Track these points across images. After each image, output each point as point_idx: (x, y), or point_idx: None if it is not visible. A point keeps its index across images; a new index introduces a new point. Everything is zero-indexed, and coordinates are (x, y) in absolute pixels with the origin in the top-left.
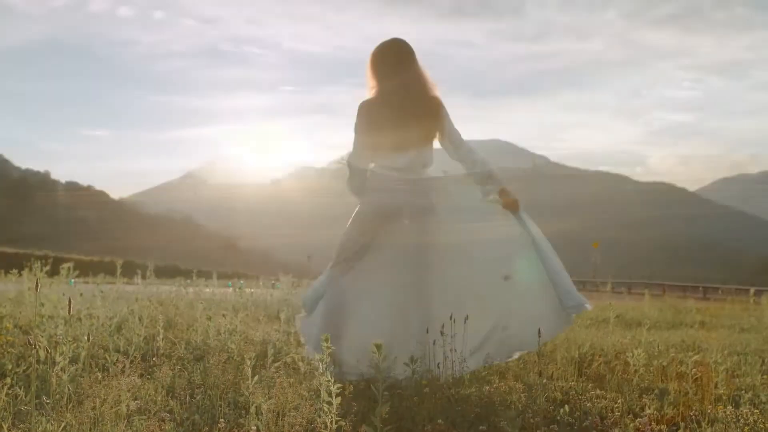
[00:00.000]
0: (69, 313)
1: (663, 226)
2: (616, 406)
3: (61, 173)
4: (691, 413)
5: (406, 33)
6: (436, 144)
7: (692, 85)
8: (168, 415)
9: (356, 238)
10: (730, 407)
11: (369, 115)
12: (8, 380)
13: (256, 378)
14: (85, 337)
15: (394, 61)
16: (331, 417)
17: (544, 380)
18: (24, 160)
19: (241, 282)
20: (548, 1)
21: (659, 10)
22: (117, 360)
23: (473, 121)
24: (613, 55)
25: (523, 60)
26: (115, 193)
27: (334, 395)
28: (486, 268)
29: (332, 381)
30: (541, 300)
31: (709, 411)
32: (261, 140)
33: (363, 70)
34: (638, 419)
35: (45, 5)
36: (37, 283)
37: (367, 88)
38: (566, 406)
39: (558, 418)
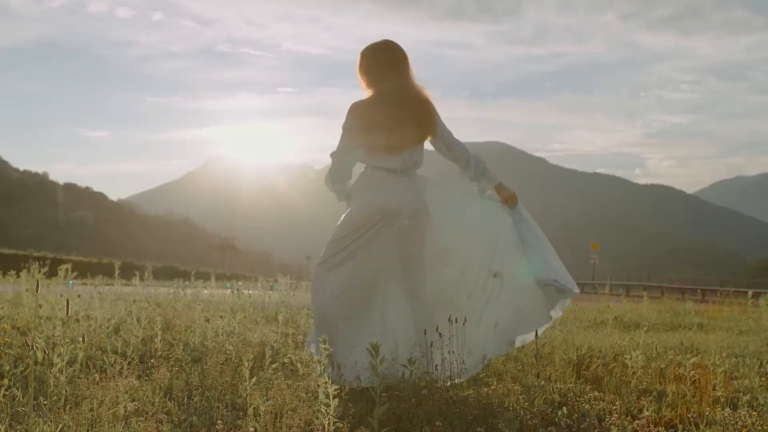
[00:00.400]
0: (67, 314)
1: (661, 228)
2: (614, 408)
3: (59, 174)
4: (689, 415)
5: (404, 35)
6: (427, 145)
7: (690, 87)
8: (165, 416)
9: (344, 237)
10: (728, 409)
11: (363, 116)
12: (6, 381)
13: (253, 380)
14: (81, 339)
15: (387, 62)
16: (329, 418)
17: (542, 382)
18: (22, 161)
19: (239, 284)
20: (546, 4)
21: (657, 11)
22: (115, 361)
23: (471, 122)
24: (612, 57)
25: (521, 62)
26: (114, 194)
27: (331, 397)
28: (478, 266)
29: (330, 383)
30: (531, 296)
31: (707, 413)
32: (259, 142)
33: None
34: (636, 421)
35: (43, 6)
36: (37, 284)
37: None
38: (564, 408)
39: (556, 420)
